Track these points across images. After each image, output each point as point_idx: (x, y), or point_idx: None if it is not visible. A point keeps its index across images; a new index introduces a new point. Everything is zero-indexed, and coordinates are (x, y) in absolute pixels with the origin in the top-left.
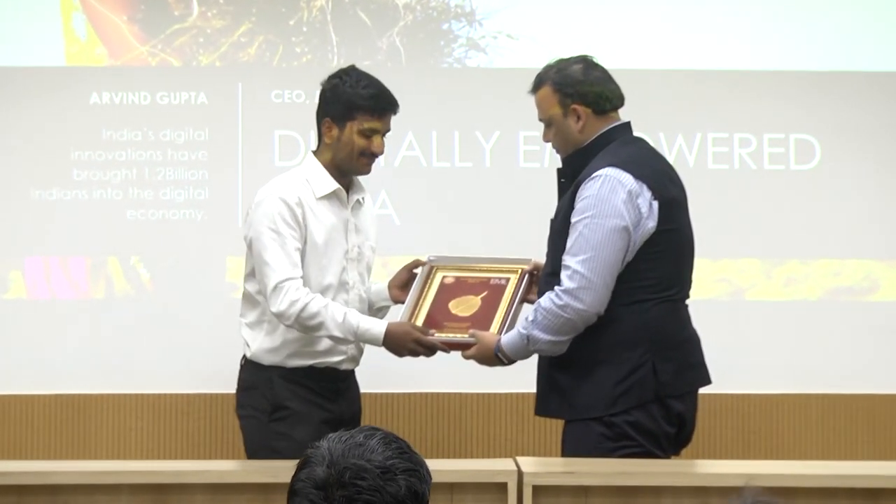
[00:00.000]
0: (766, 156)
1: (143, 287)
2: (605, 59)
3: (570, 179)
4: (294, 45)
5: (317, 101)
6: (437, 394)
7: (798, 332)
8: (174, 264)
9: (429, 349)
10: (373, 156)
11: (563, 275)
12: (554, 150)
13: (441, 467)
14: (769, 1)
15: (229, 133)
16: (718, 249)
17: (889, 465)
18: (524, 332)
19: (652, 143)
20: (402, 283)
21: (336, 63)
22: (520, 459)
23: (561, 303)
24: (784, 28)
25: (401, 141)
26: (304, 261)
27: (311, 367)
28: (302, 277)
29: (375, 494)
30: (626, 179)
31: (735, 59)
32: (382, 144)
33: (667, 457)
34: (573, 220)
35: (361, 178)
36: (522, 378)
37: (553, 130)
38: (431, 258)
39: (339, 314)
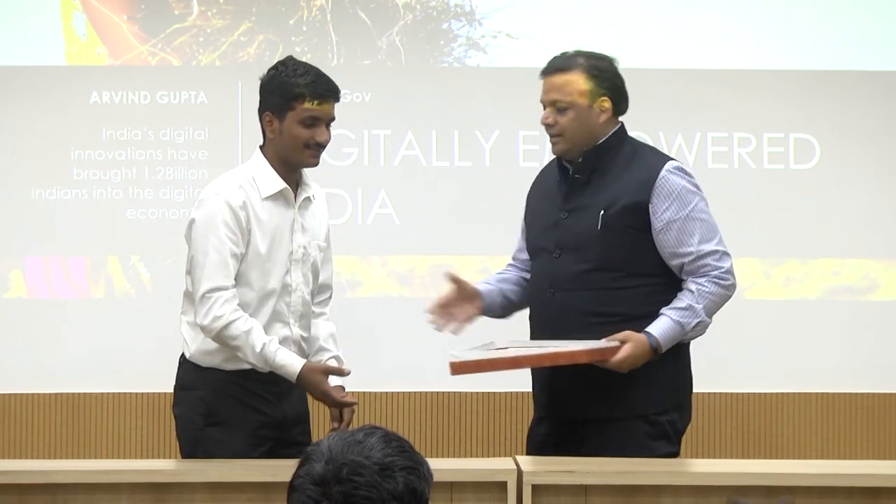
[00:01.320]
0: (766, 155)
1: (142, 286)
2: None
3: (588, 176)
4: (294, 44)
5: (259, 96)
6: (437, 393)
7: (797, 331)
8: (174, 263)
9: (332, 404)
10: (318, 146)
11: (711, 259)
12: (552, 141)
13: (441, 466)
14: (769, 1)
15: (229, 132)
16: None
17: (888, 464)
18: (687, 319)
19: (651, 143)
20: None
21: (336, 63)
22: (519, 458)
23: (727, 283)
24: (784, 28)
25: (400, 140)
26: (245, 265)
27: (249, 370)
28: (234, 287)
29: (373, 491)
30: (689, 169)
31: (735, 58)
32: (327, 133)
33: None
34: (680, 215)
35: (310, 173)
36: (520, 378)
37: (570, 117)
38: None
39: (258, 343)
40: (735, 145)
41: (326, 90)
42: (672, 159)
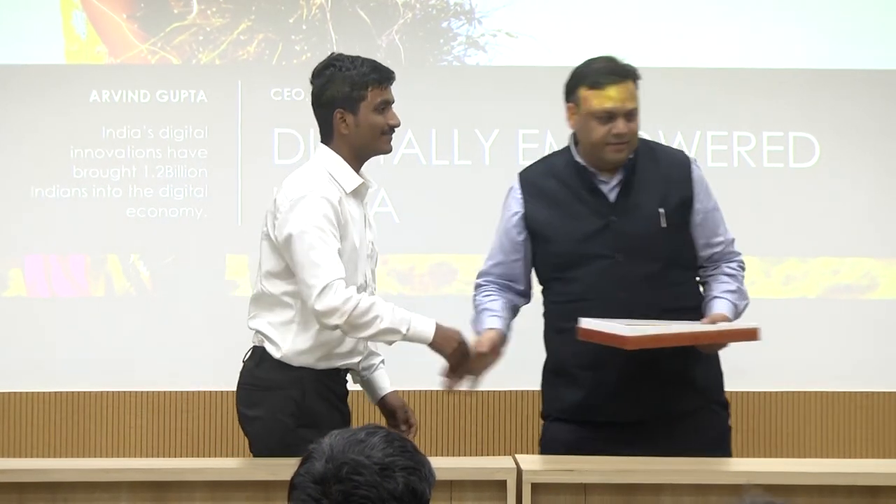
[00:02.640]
0: (765, 154)
1: (142, 285)
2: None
3: (630, 177)
4: (293, 42)
5: (317, 99)
6: (436, 392)
7: (797, 329)
8: (174, 262)
9: (467, 352)
10: (391, 130)
11: (734, 246)
12: (618, 149)
13: (440, 465)
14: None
15: (229, 131)
16: None
17: (889, 462)
18: (740, 301)
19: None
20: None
21: None
22: (519, 457)
23: (744, 267)
24: (784, 26)
25: (400, 139)
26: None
27: (335, 370)
28: (345, 277)
29: (372, 490)
30: None
31: (734, 57)
32: (396, 116)
33: None
34: (710, 205)
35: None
36: (520, 376)
37: (636, 123)
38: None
39: (388, 306)
40: (735, 144)
41: (389, 73)
42: (681, 151)
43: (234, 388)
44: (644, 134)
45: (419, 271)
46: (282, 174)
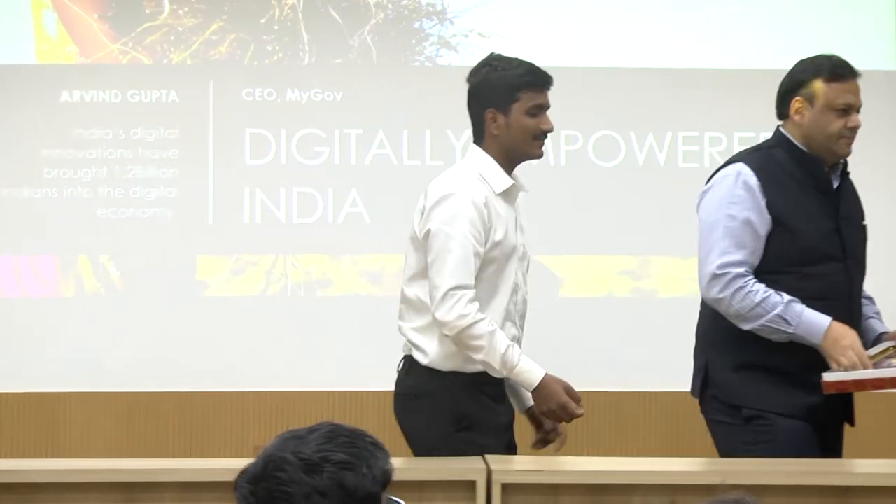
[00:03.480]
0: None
1: (112, 285)
2: (576, 58)
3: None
4: (265, 43)
5: (471, 97)
6: None
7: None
8: (144, 263)
9: (568, 416)
10: (544, 135)
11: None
12: (847, 143)
13: (410, 465)
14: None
15: (200, 131)
16: (690, 248)
17: (858, 462)
18: None
19: (622, 142)
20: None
21: (307, 61)
22: (489, 458)
23: None
24: (755, 26)
25: (371, 139)
26: (485, 261)
27: (485, 373)
28: (475, 288)
29: (294, 486)
30: None
31: (705, 57)
32: (550, 121)
33: None
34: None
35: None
36: None
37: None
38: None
39: (503, 345)
40: (706, 145)
41: (546, 78)
42: None
43: (201, 388)
44: (616, 134)
45: (390, 272)
46: (253, 174)
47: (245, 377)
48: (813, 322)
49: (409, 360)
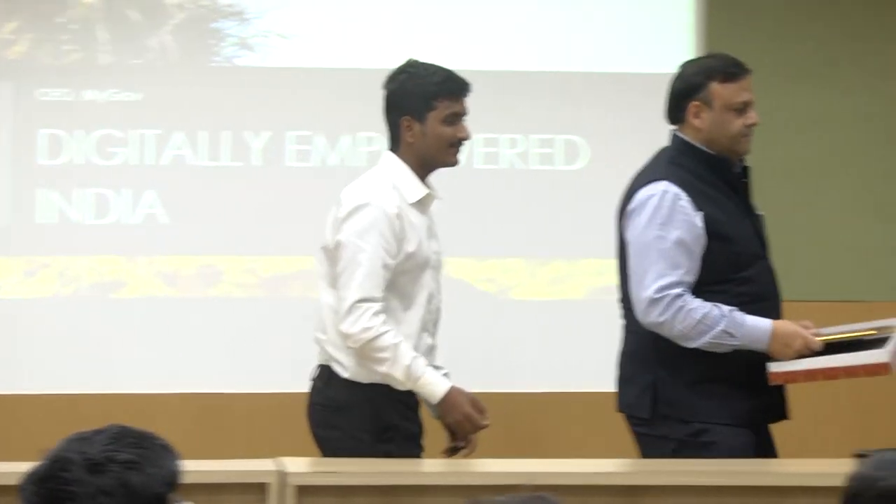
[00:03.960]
0: (534, 156)
1: None
2: (377, 59)
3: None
4: (62, 43)
5: (388, 104)
6: (212, 394)
7: (564, 330)
8: None
9: (473, 429)
10: (460, 143)
11: None
12: (750, 138)
13: (201, 467)
14: (537, 2)
15: None
16: (485, 249)
17: (646, 462)
18: None
19: None
20: None
21: (105, 61)
22: (285, 459)
23: None
24: (551, 29)
25: (169, 139)
26: (399, 272)
27: None
28: (382, 301)
29: (78, 486)
30: None
31: (503, 59)
32: (467, 129)
33: None
34: None
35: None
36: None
37: None
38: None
39: (407, 357)
40: (503, 146)
41: (463, 85)
42: None
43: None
44: None
45: (185, 273)
46: (48, 175)
47: (35, 380)
48: (756, 328)
49: (327, 371)
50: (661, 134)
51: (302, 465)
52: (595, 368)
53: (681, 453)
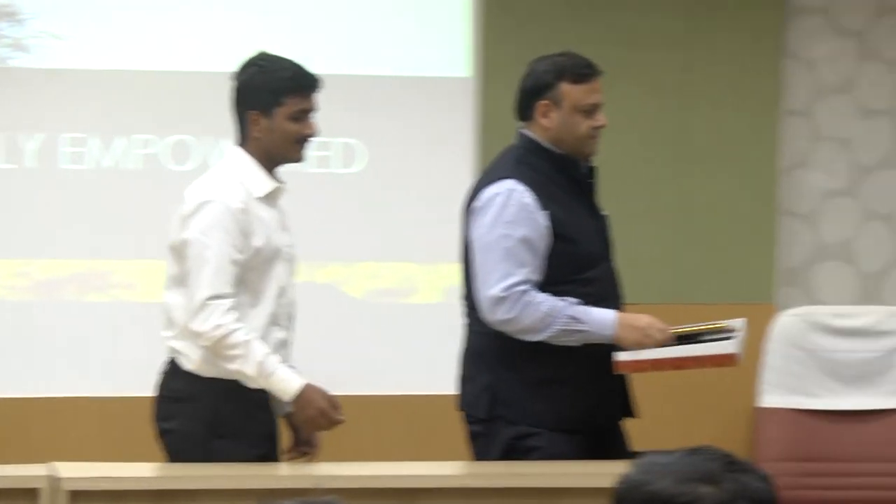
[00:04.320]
0: (311, 159)
1: None
2: (153, 61)
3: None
4: None
5: (236, 97)
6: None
7: (340, 333)
8: None
9: (327, 425)
10: (307, 139)
11: None
12: (597, 140)
13: None
14: (312, 4)
15: None
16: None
17: (428, 465)
18: None
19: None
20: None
21: None
22: (58, 464)
23: None
24: (328, 32)
25: None
26: (244, 268)
27: None
28: (234, 295)
29: None
30: None
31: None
32: (314, 126)
33: None
34: None
35: None
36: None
37: None
38: None
39: (259, 353)
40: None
41: (312, 82)
42: None
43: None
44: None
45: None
46: None
47: None
48: (601, 316)
49: (172, 364)
50: (435, 138)
51: (75, 471)
52: (372, 371)
53: (508, 455)
